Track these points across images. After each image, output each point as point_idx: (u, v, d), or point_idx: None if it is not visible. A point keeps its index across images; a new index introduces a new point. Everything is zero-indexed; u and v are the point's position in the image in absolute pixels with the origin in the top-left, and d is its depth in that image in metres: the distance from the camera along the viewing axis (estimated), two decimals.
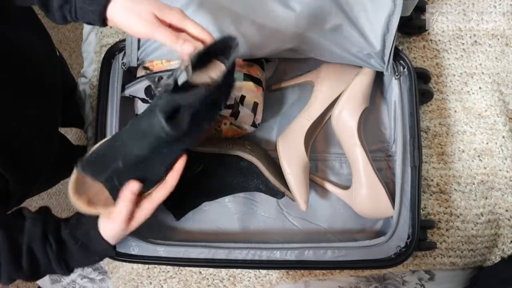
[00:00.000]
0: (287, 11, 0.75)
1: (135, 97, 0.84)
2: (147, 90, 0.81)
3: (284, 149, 0.82)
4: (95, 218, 0.65)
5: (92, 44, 1.01)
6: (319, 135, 0.89)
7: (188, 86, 0.60)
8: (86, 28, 1.04)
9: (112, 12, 0.60)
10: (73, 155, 1.09)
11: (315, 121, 0.84)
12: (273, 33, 0.76)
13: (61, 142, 1.09)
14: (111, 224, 0.64)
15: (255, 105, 0.83)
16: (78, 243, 0.64)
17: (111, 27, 0.96)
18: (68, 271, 0.65)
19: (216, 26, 0.75)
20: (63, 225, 0.65)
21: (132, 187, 0.62)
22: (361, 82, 0.82)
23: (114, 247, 0.68)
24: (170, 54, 0.78)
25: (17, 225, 0.62)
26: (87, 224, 0.66)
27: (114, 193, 0.64)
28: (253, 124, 0.84)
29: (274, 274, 0.86)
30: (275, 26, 0.75)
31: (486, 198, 0.87)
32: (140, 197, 0.65)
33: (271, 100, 0.90)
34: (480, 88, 0.90)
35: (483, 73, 0.91)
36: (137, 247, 0.79)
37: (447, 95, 0.90)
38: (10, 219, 0.64)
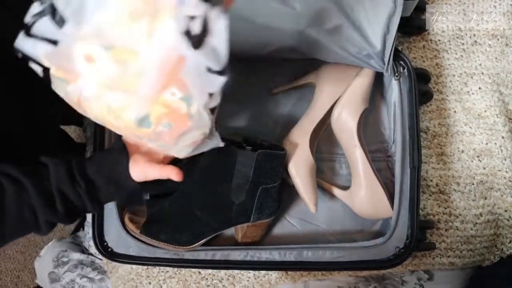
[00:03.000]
0: (287, 9, 0.75)
1: None
2: None
3: (290, 153, 0.82)
4: (123, 154, 0.66)
5: None
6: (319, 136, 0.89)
7: None
8: None
9: None
10: (76, 152, 1.10)
11: (318, 122, 0.83)
12: (273, 32, 0.76)
13: (63, 139, 1.10)
14: (140, 174, 0.66)
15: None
16: (105, 178, 0.65)
17: None
18: (100, 208, 0.66)
19: None
20: (87, 162, 0.65)
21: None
22: (361, 83, 0.82)
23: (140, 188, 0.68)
24: None
25: (41, 172, 0.62)
26: (115, 158, 0.66)
27: None
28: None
29: (273, 274, 0.87)
30: (276, 24, 0.75)
31: (485, 198, 0.87)
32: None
33: (273, 103, 0.90)
34: (479, 88, 0.90)
35: (482, 73, 0.91)
36: (136, 248, 0.79)
37: (447, 96, 0.90)
38: (33, 168, 0.63)
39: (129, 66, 0.51)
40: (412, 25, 0.89)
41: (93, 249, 0.95)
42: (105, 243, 0.80)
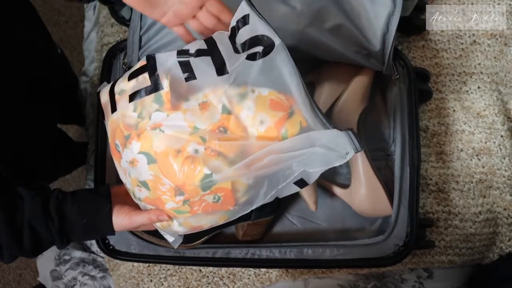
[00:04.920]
0: (287, 9, 0.75)
1: None
2: None
3: None
4: (107, 199, 0.65)
5: (93, 42, 1.02)
6: None
7: None
8: (87, 26, 1.04)
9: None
10: (73, 152, 1.10)
11: None
12: None
13: (61, 138, 1.10)
14: (124, 220, 0.65)
15: None
16: (84, 220, 0.63)
17: (112, 26, 0.96)
18: (67, 245, 0.65)
19: None
20: (70, 198, 0.64)
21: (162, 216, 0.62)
22: (361, 82, 0.82)
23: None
24: None
25: (15, 205, 0.62)
26: (99, 203, 0.65)
27: None
28: None
29: (273, 272, 0.87)
30: (276, 24, 0.75)
31: (485, 197, 0.88)
32: None
33: None
34: (478, 87, 0.91)
35: (481, 72, 0.91)
36: (137, 246, 0.80)
37: (446, 95, 0.91)
38: (8, 200, 0.63)
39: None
40: (412, 25, 0.89)
41: (94, 247, 0.96)
42: (107, 241, 0.80)
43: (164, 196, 0.58)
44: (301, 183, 0.58)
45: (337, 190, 0.86)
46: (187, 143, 0.55)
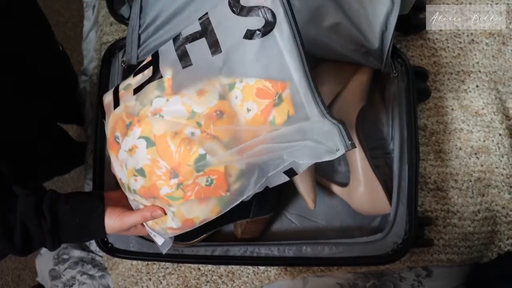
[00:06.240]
0: None
1: None
2: None
3: None
4: (100, 201, 0.66)
5: (92, 42, 1.02)
6: None
7: None
8: (86, 26, 1.04)
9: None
10: (73, 151, 1.10)
11: None
12: None
13: (62, 137, 1.10)
14: (116, 221, 0.65)
15: None
16: (76, 220, 0.64)
17: (111, 25, 0.96)
18: (58, 246, 0.65)
19: None
20: (63, 199, 0.65)
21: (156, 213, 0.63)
22: (360, 80, 0.83)
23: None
24: None
25: (9, 204, 0.62)
26: (92, 204, 0.66)
27: None
28: None
29: (272, 270, 0.87)
30: None
31: (483, 196, 0.88)
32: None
33: None
34: (477, 86, 0.91)
35: (480, 71, 0.92)
36: (136, 244, 0.80)
37: (445, 93, 0.91)
38: (2, 198, 0.63)
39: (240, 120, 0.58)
40: (410, 24, 0.90)
41: (93, 246, 0.96)
42: (106, 239, 0.80)
43: (159, 181, 0.59)
44: (291, 172, 0.59)
45: (335, 188, 0.86)
46: (184, 127, 0.57)
